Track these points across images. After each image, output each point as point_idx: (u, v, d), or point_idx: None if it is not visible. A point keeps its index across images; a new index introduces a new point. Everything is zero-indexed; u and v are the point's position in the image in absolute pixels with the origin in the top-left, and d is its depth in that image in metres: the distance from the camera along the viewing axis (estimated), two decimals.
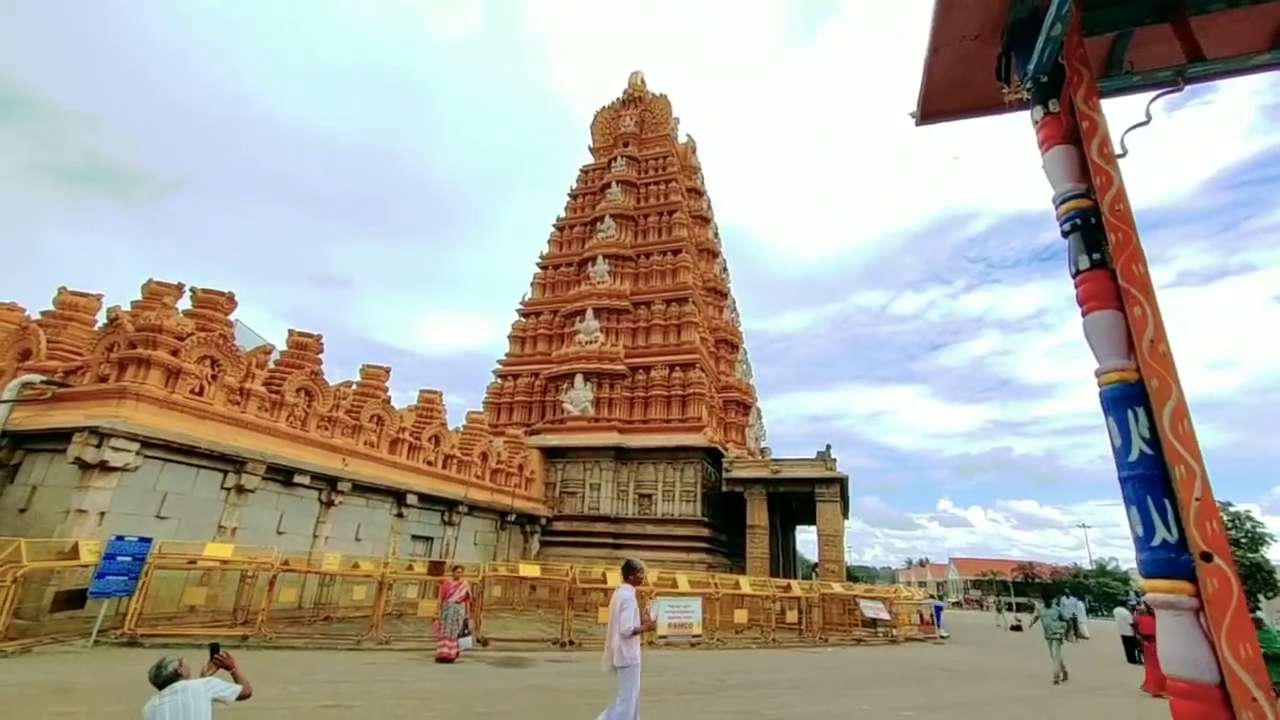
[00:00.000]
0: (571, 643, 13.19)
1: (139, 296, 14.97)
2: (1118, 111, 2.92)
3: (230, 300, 15.16)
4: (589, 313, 31.29)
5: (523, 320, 34.65)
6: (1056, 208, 2.87)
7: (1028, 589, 71.89)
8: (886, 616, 19.12)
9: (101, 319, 15.30)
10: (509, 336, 34.37)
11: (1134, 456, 2.39)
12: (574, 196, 38.30)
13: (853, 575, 45.55)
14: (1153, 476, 2.33)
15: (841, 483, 25.92)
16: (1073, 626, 20.19)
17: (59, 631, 9.93)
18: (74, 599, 9.91)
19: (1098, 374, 2.61)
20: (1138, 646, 16.92)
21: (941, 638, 20.59)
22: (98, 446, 11.34)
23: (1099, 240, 2.70)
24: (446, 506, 20.93)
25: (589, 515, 27.08)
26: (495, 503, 23.48)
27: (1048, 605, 18.69)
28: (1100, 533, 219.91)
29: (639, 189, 36.68)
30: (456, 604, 10.82)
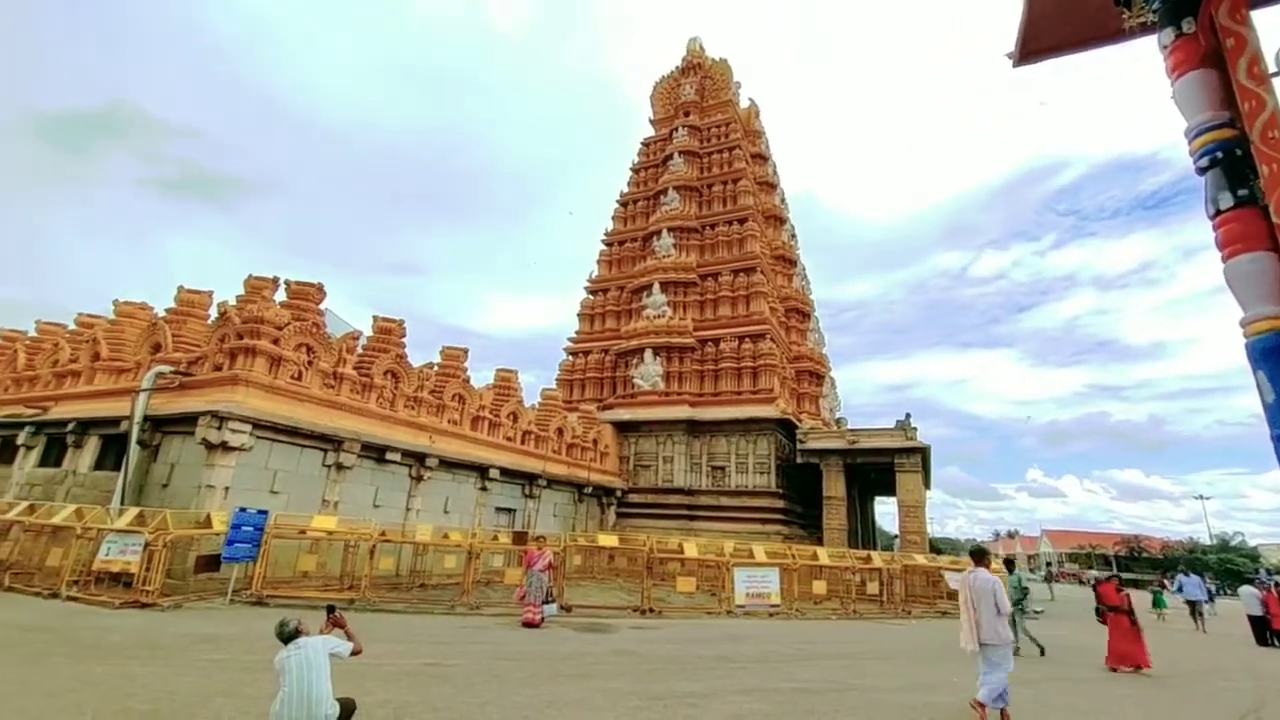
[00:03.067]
0: (652, 610, 13.51)
1: (241, 291, 16.26)
2: (1270, 24, 2.52)
3: (320, 290, 16.19)
4: (655, 287, 31.22)
5: (591, 298, 35.05)
6: (1190, 141, 2.53)
7: (1133, 564, 66.86)
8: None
9: (213, 313, 16.76)
10: (578, 314, 34.89)
11: None
12: (636, 171, 38.00)
13: (935, 547, 43.89)
14: None
15: (923, 452, 24.88)
16: (1194, 610, 18.42)
17: (201, 590, 11.21)
18: (211, 563, 11.13)
19: (1244, 323, 2.31)
20: (1268, 627, 15.45)
21: (1036, 613, 19.56)
22: (218, 429, 12.53)
23: (1245, 174, 2.36)
24: (527, 480, 21.79)
25: (663, 488, 27.42)
26: (572, 476, 24.20)
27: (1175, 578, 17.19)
28: (1221, 505, 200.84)
29: (702, 158, 35.91)
30: (540, 572, 11.29)
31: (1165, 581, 34.31)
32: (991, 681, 5.86)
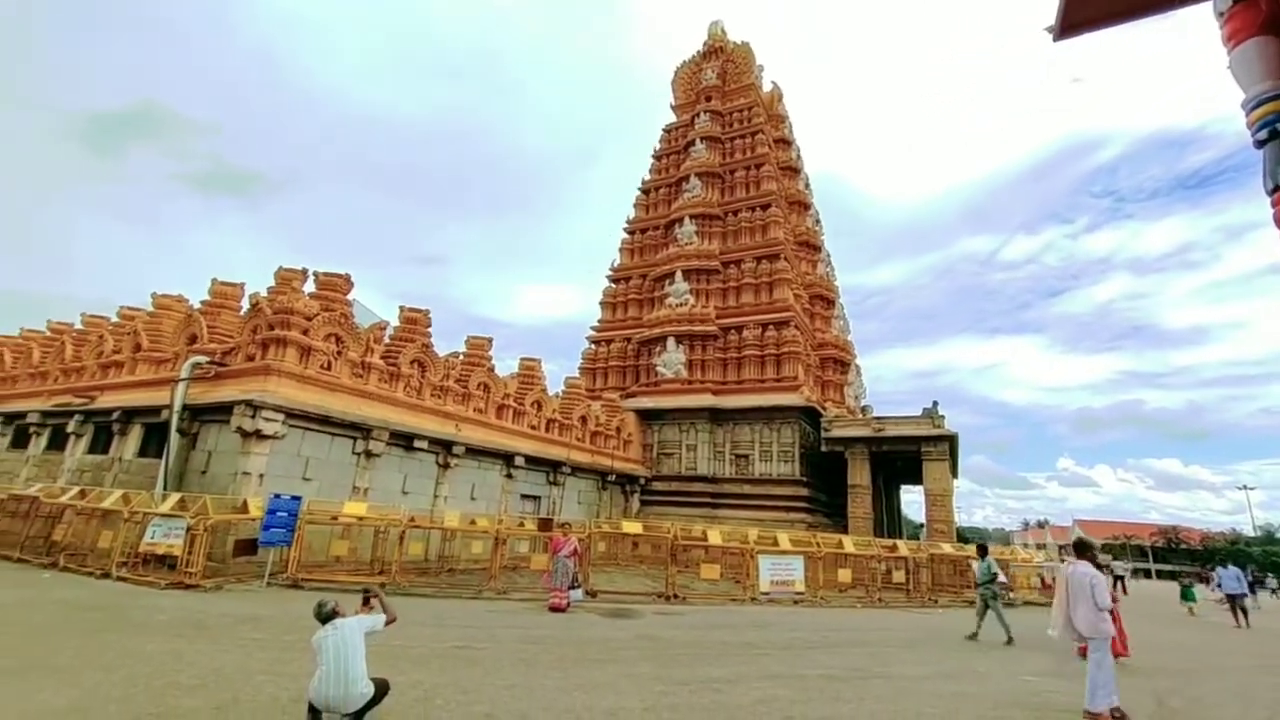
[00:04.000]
0: (675, 596, 13.60)
1: (271, 282, 16.61)
2: None
3: (348, 281, 16.46)
4: (678, 275, 31.07)
5: (613, 286, 35.04)
6: (1248, 113, 2.41)
7: (1171, 555, 65.05)
8: (1003, 578, 18.10)
9: (245, 305, 17.18)
10: (600, 303, 34.93)
11: None
12: (658, 158, 37.71)
13: (963, 536, 43.27)
14: None
15: (950, 440, 24.48)
16: (1234, 605, 17.74)
17: (240, 573, 11.61)
18: (249, 546, 11.50)
19: None
20: None
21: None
22: (252, 417, 12.88)
23: None
24: (551, 467, 22.01)
25: (686, 475, 27.47)
26: (596, 464, 24.38)
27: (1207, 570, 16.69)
28: (1265, 496, 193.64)
29: (724, 144, 35.46)
30: (566, 558, 11.43)
31: (1208, 574, 33.22)
32: (1099, 680, 5.77)
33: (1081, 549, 6.51)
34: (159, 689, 5.12)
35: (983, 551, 11.91)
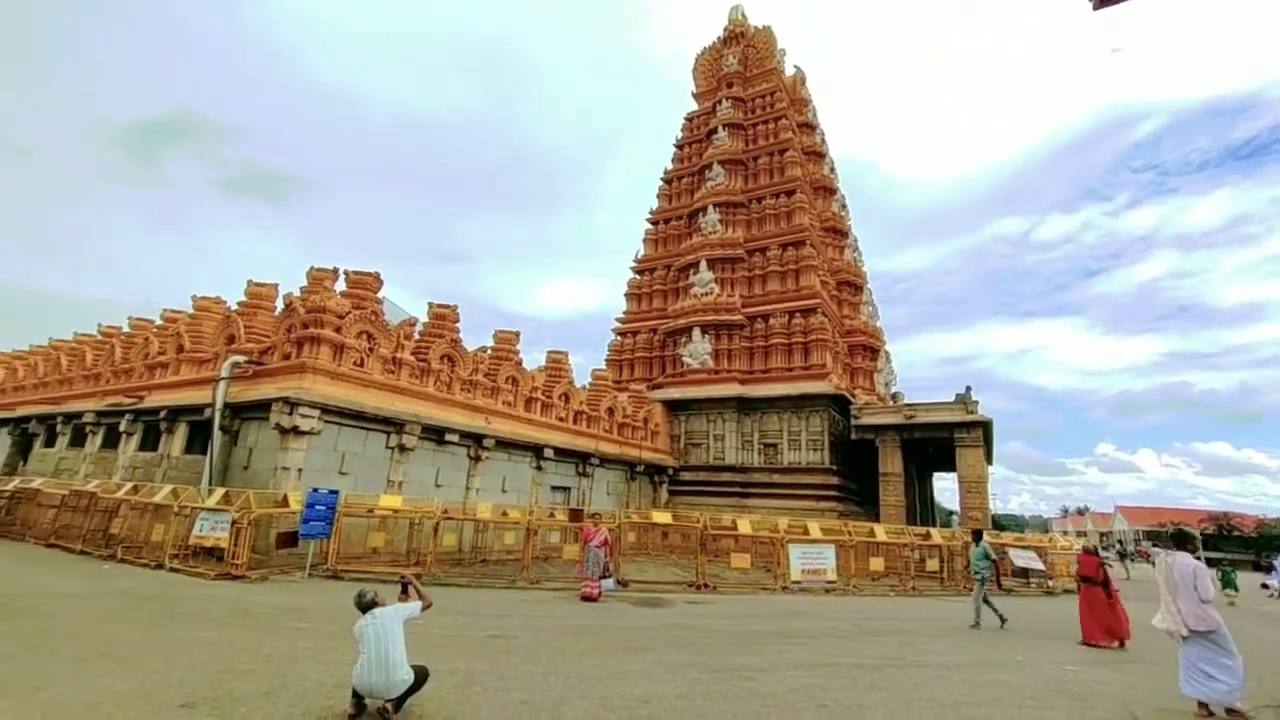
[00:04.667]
0: (706, 585, 13.63)
1: (303, 282, 17.03)
2: None
3: (377, 279, 16.78)
4: (702, 264, 30.90)
5: (637, 277, 35.03)
6: None
7: (1222, 543, 62.58)
8: (1040, 566, 17.68)
9: (279, 305, 17.66)
10: (625, 294, 34.97)
11: None
12: (680, 147, 37.44)
13: (999, 524, 42.31)
14: None
15: (984, 426, 23.96)
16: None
17: (283, 565, 12.03)
18: (290, 539, 11.90)
19: None
20: None
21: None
22: (290, 414, 13.28)
23: None
24: (580, 459, 22.21)
25: (714, 465, 27.45)
26: (624, 455, 24.51)
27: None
28: None
29: (747, 130, 35.01)
30: (597, 548, 11.55)
31: (1269, 563, 31.43)
32: (1228, 669, 5.56)
33: (1181, 540, 6.35)
34: (214, 674, 5.36)
35: (977, 537, 11.78)
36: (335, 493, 12.27)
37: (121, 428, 17.92)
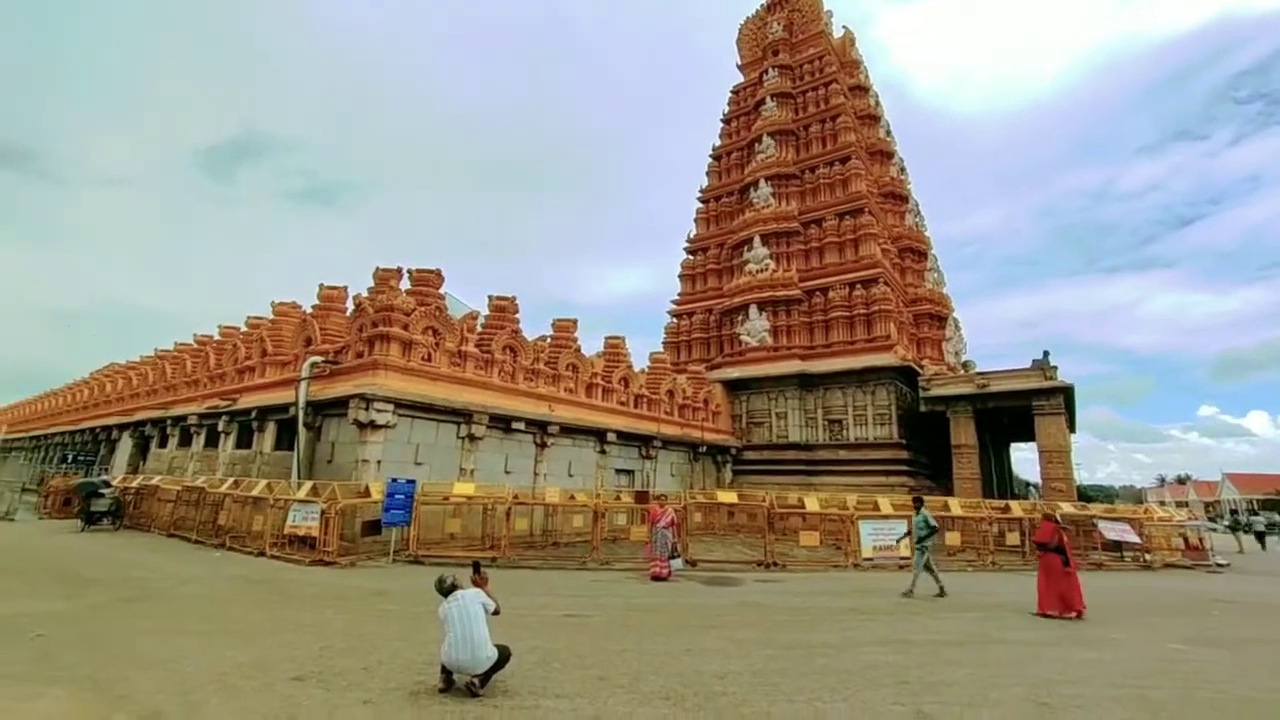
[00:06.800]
0: (775, 564, 13.57)
1: (370, 283, 17.81)
2: None
3: (439, 276, 17.36)
4: (756, 240, 30.24)
5: (690, 258, 34.69)
6: None
7: None
8: (1135, 539, 16.54)
9: (350, 305, 18.59)
10: (679, 275, 34.70)
11: None
12: (727, 121, 36.58)
13: (1085, 495, 39.81)
14: None
15: (1065, 393, 22.52)
16: None
17: (368, 551, 12.82)
18: (373, 527, 12.66)
19: None
20: None
21: (1218, 565, 17.24)
22: (366, 409, 14.03)
23: None
24: (642, 442, 22.43)
25: (778, 444, 27.08)
26: (686, 436, 24.56)
27: None
28: None
29: (795, 99, 33.79)
30: (664, 529, 11.68)
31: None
32: None
33: None
34: (317, 651, 5.82)
35: (918, 504, 11.19)
36: (413, 482, 12.91)
37: (220, 428, 19.47)
